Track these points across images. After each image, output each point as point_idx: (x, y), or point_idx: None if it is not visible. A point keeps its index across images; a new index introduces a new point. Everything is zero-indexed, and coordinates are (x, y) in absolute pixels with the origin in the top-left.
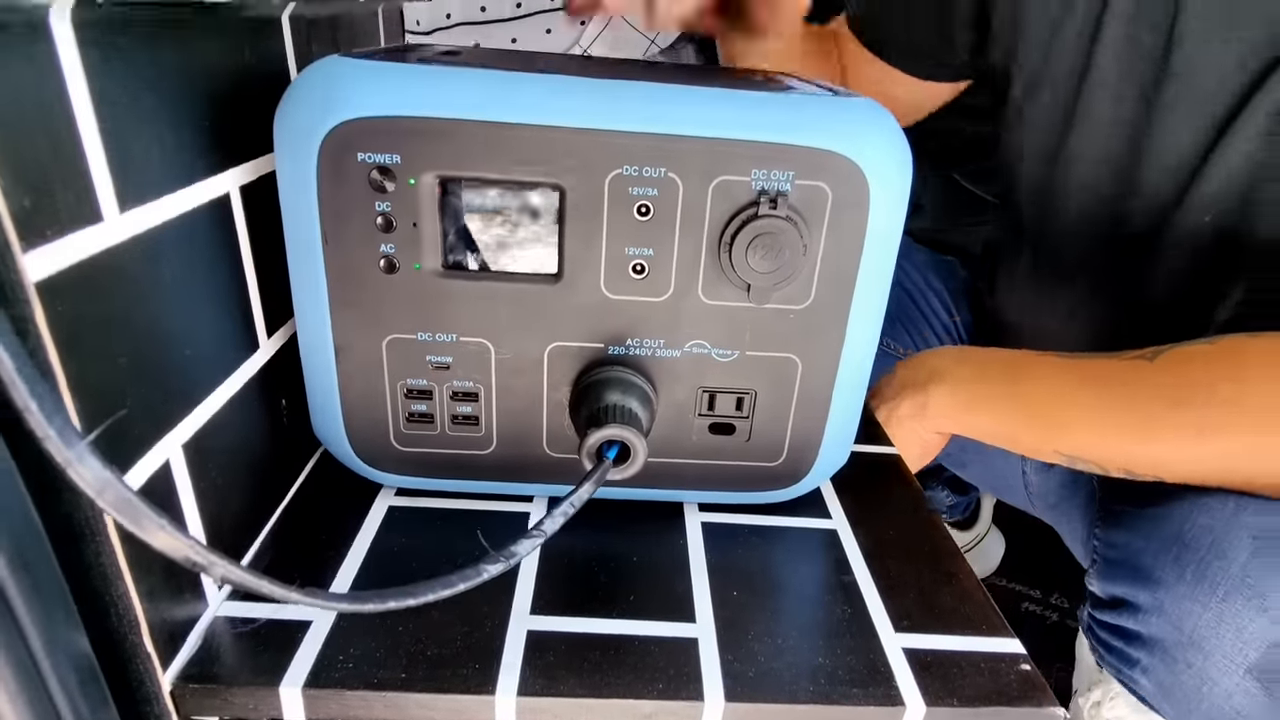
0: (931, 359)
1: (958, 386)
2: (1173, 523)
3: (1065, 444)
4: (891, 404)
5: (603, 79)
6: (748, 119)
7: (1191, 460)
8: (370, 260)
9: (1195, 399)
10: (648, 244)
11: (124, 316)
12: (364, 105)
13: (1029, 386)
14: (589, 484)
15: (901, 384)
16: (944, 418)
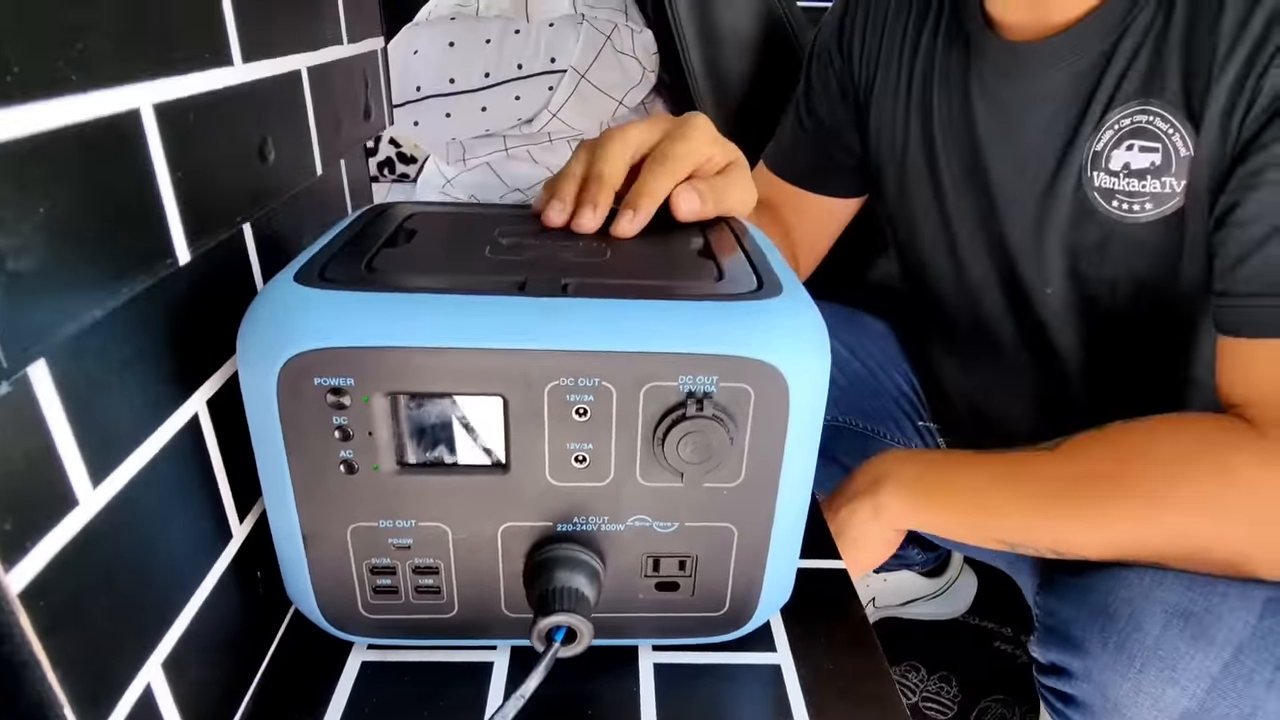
0: (878, 465)
1: (902, 486)
2: (1098, 594)
3: (999, 533)
4: (850, 508)
5: (540, 299)
6: (673, 333)
7: (1099, 542)
8: (331, 464)
9: (1085, 488)
10: (587, 439)
11: (103, 575)
12: (316, 338)
13: (962, 482)
14: (539, 671)
15: (855, 490)
16: (898, 516)
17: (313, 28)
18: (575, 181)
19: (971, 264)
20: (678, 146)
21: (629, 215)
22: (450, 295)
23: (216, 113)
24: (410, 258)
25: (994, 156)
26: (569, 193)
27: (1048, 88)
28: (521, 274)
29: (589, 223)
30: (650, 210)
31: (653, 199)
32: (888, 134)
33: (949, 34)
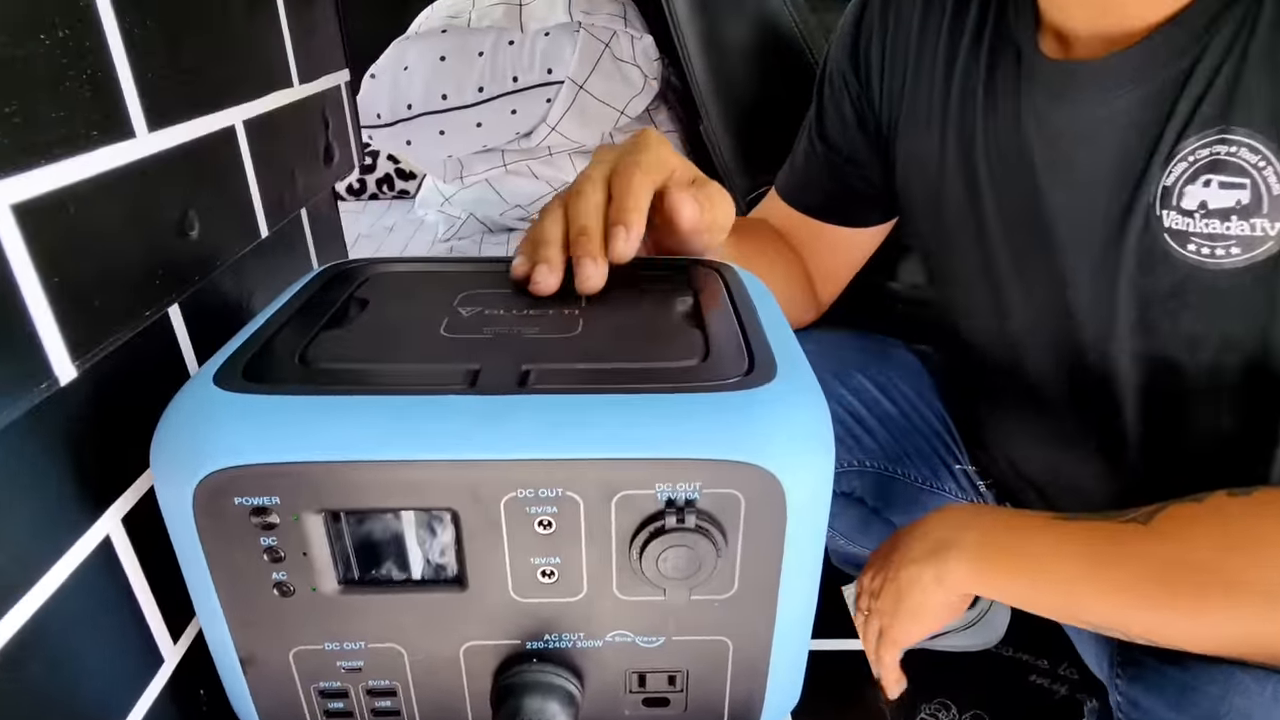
0: (938, 528)
1: (967, 552)
2: (1206, 699)
3: (1080, 612)
4: (909, 574)
5: (492, 397)
6: (646, 436)
7: (1203, 638)
8: (263, 587)
9: (1187, 576)
10: (553, 553)
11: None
12: (232, 454)
13: (1036, 551)
14: None
15: (913, 556)
16: (963, 581)
17: (250, 75)
18: (558, 245)
19: (1019, 311)
20: (641, 155)
21: (621, 234)
22: (388, 397)
23: (111, 196)
24: (352, 342)
25: (1050, 192)
26: (557, 258)
27: (1112, 113)
28: (477, 359)
29: (594, 280)
30: (641, 222)
31: (638, 210)
32: (918, 165)
33: (993, 47)
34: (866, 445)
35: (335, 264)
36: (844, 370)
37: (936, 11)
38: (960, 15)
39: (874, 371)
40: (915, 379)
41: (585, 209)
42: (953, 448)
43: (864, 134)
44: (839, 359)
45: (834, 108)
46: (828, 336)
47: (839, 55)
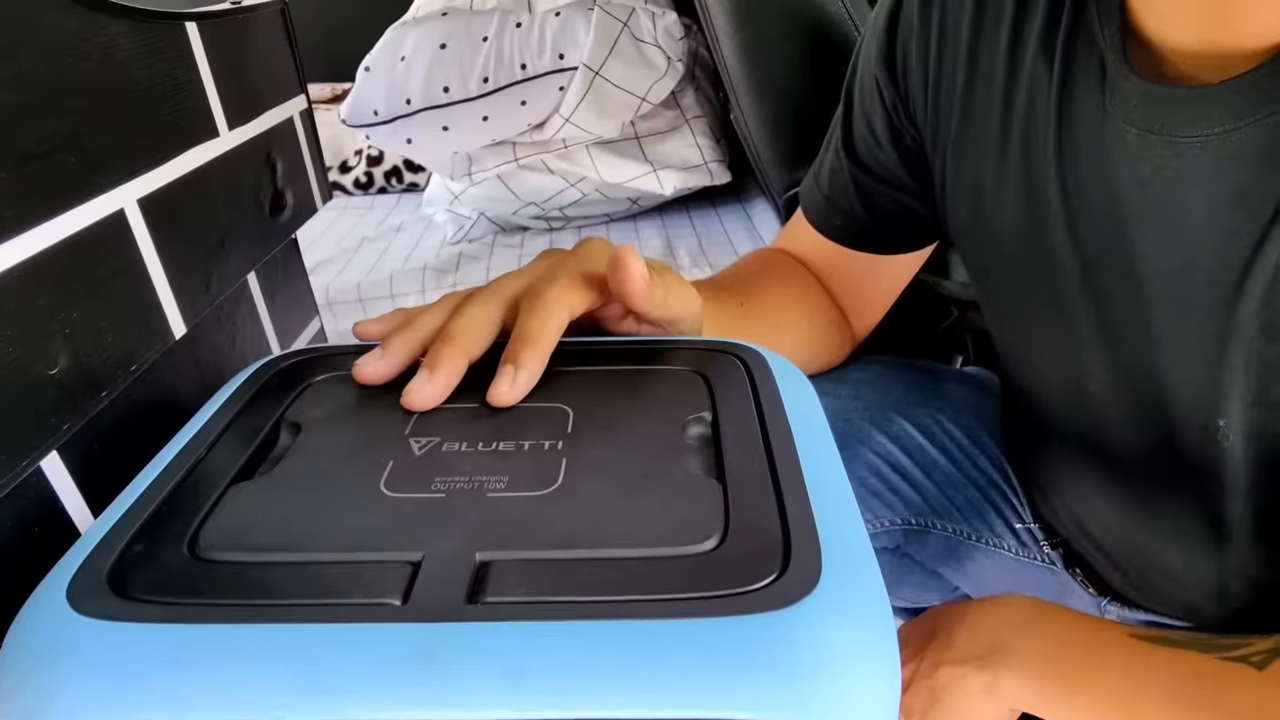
0: (994, 623)
1: (1029, 667)
2: None
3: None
4: (953, 673)
5: (425, 625)
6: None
7: None
8: None
9: None
10: None
11: None
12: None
13: (1116, 681)
14: None
15: (962, 654)
16: (1020, 700)
17: (147, 136)
18: (417, 337)
19: (1097, 371)
20: (561, 273)
21: (508, 374)
22: (298, 628)
23: None
24: (263, 510)
25: (1142, 240)
26: (402, 347)
27: (1225, 153)
28: (420, 540)
29: (420, 395)
30: (535, 361)
31: (534, 345)
32: (968, 188)
33: (1068, 55)
34: (909, 499)
35: (271, 361)
36: (883, 414)
37: (994, 6)
38: (1025, 10)
39: (919, 413)
40: (970, 416)
41: (466, 310)
42: (1012, 501)
43: (899, 151)
44: (878, 401)
45: (863, 120)
46: (866, 372)
47: (870, 57)
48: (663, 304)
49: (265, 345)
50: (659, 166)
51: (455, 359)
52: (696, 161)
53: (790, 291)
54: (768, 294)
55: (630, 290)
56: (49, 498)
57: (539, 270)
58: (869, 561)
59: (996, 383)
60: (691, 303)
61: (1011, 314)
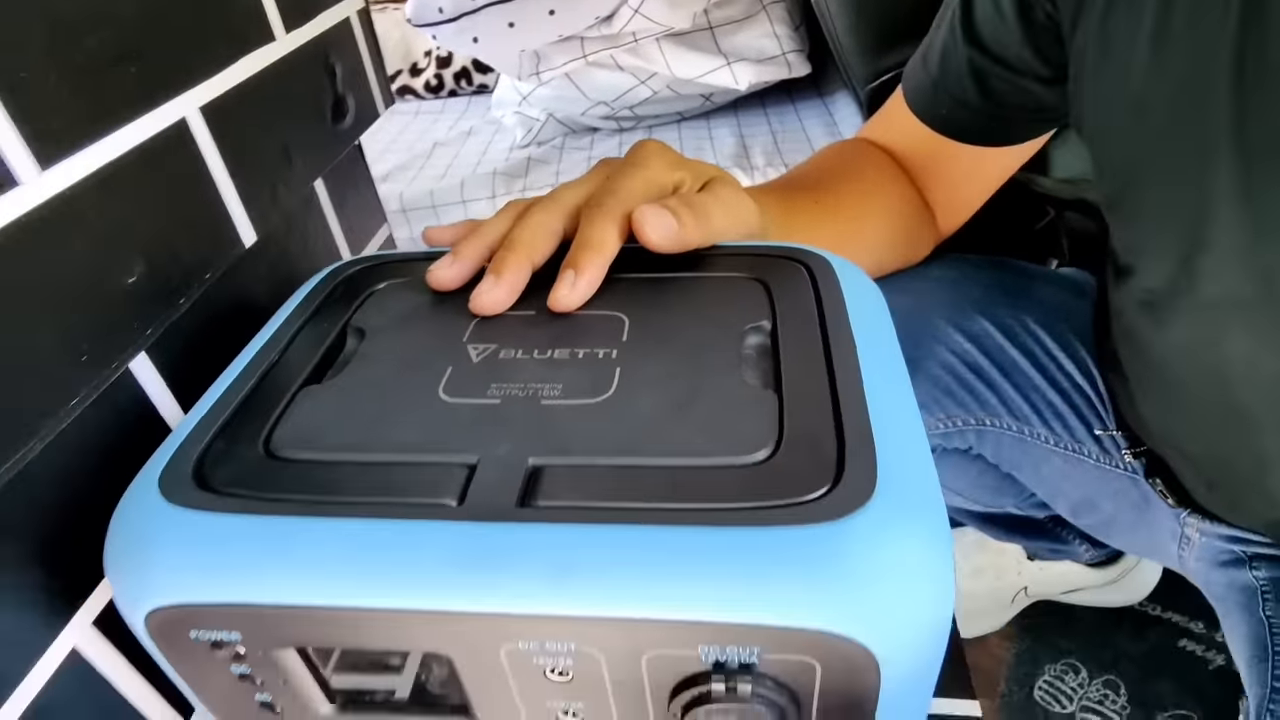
0: None
1: None
2: None
3: None
4: None
5: (480, 524)
6: (677, 591)
7: None
8: (249, 704)
9: None
10: (575, 699)
11: None
12: (178, 592)
13: None
14: None
15: None
16: None
17: (204, 44)
18: (484, 243)
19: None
20: (624, 181)
21: (568, 279)
22: (359, 522)
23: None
24: (329, 413)
25: None
26: (472, 253)
27: None
28: (475, 444)
29: (487, 299)
30: (596, 267)
31: (595, 250)
32: (1115, 74)
33: None
34: (984, 399)
35: (339, 268)
36: (962, 312)
37: None
38: None
39: (1001, 313)
40: (1058, 318)
41: (528, 220)
42: (1096, 406)
43: (1027, 27)
44: (957, 299)
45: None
46: (949, 270)
47: None
48: (698, 234)
49: (335, 252)
50: (733, 59)
51: (520, 265)
52: (773, 52)
53: (871, 188)
54: (846, 191)
55: (654, 246)
56: (140, 397)
57: (598, 180)
58: (928, 476)
59: (1092, 285)
60: (740, 215)
61: (1143, 212)
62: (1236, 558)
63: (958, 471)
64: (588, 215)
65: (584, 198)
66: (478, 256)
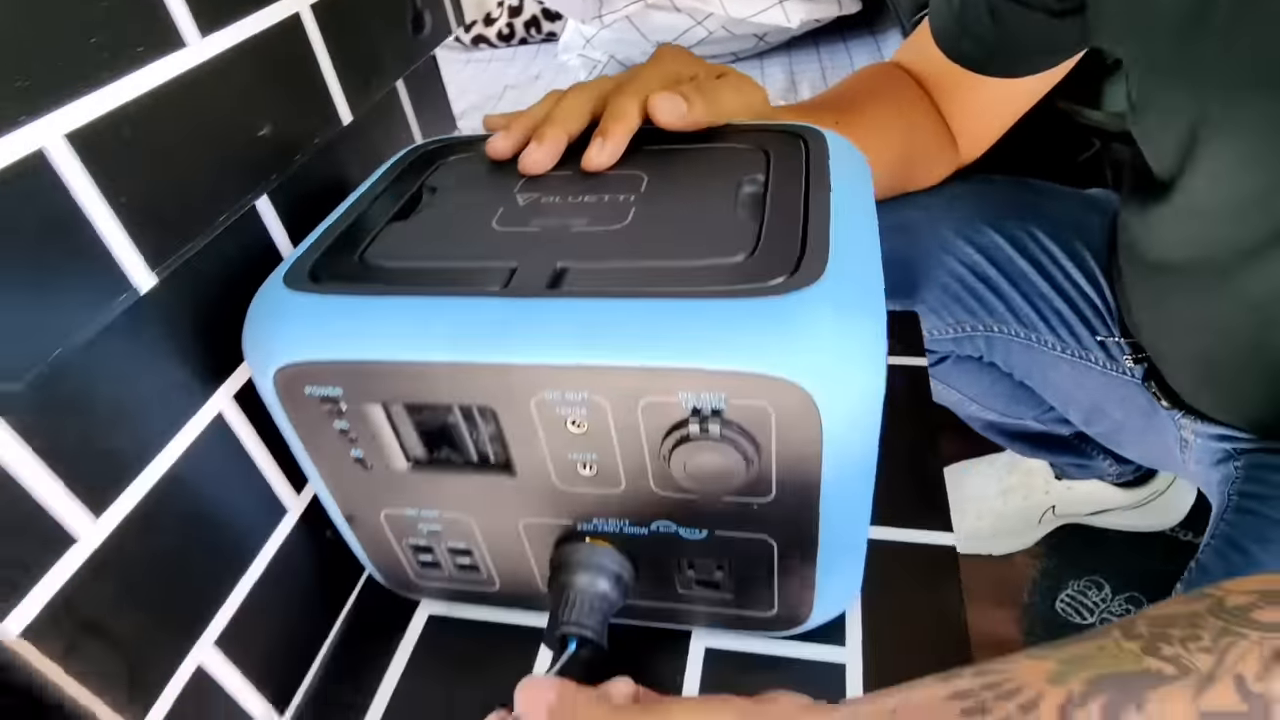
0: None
1: None
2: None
3: None
4: None
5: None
6: (666, 344)
7: None
8: (345, 460)
9: None
10: (589, 449)
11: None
12: (296, 351)
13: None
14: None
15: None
16: None
17: None
18: (531, 121)
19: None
20: (645, 72)
21: (598, 143)
22: (429, 299)
23: (168, 111)
24: (408, 238)
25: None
26: (520, 128)
27: None
28: (518, 256)
29: (530, 159)
30: (620, 135)
31: (620, 122)
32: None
33: None
34: (994, 308)
35: (417, 146)
36: (973, 225)
37: None
38: None
39: (1012, 225)
40: (1070, 231)
41: (566, 100)
42: (1103, 314)
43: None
44: (970, 213)
45: None
46: (964, 187)
47: None
48: (706, 114)
49: (413, 141)
50: None
51: (557, 134)
52: None
53: (890, 110)
54: (866, 110)
55: (665, 124)
56: (263, 232)
57: (625, 75)
58: (872, 276)
59: (1114, 203)
60: (748, 99)
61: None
62: (1227, 454)
63: (971, 378)
64: (613, 97)
65: (612, 87)
66: (526, 131)
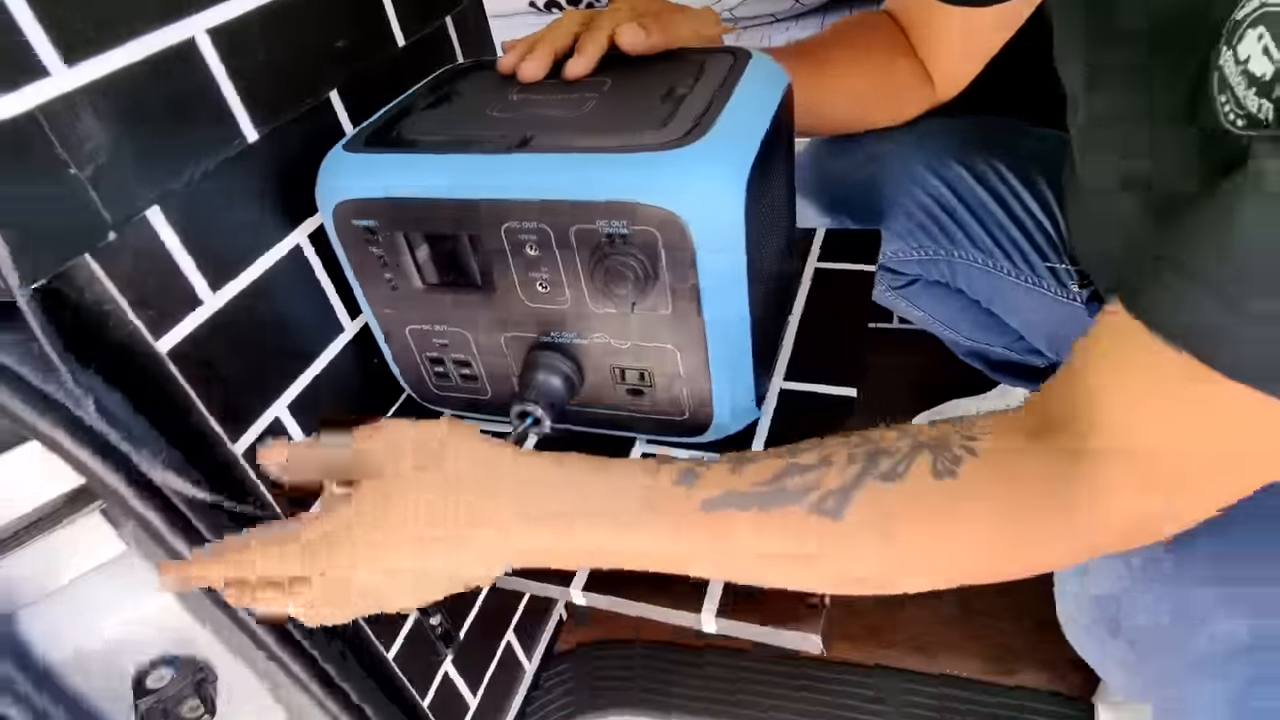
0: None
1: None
2: None
3: None
4: None
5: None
6: (586, 184)
7: None
8: (382, 283)
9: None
10: (543, 270)
11: (230, 346)
12: (344, 193)
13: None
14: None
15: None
16: None
17: None
18: (529, 43)
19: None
20: (620, 5)
21: (575, 59)
22: (433, 155)
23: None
24: (431, 121)
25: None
26: (523, 47)
27: None
28: (502, 129)
29: (525, 69)
30: (592, 53)
31: (595, 44)
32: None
33: None
34: (954, 235)
35: (452, 66)
36: (939, 159)
37: None
38: None
39: (976, 160)
40: (1032, 164)
41: (558, 32)
42: (1056, 242)
43: None
44: (938, 148)
45: None
46: (936, 124)
47: None
48: (662, 39)
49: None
50: None
51: (547, 51)
52: None
53: (860, 51)
54: (836, 52)
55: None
56: (334, 117)
57: (605, 9)
58: (737, 139)
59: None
60: (699, 27)
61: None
62: None
63: (938, 302)
64: (589, 26)
65: (594, 14)
66: (524, 49)
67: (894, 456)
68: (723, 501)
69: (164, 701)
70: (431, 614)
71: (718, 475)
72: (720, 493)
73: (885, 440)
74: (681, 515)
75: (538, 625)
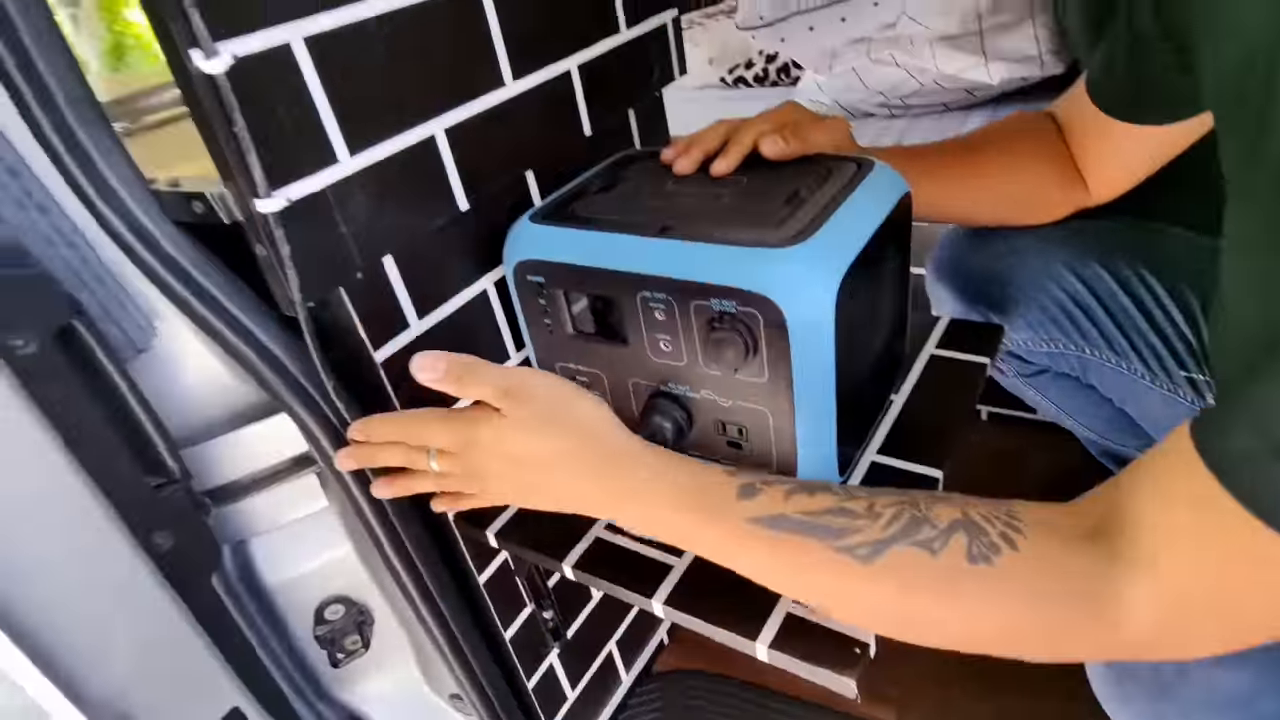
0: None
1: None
2: None
3: None
4: None
5: (638, 238)
6: (704, 269)
7: None
8: (543, 327)
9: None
10: (667, 332)
11: None
12: (526, 254)
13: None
14: None
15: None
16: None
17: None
18: (689, 143)
19: None
20: (766, 115)
21: (721, 160)
22: (594, 232)
23: (495, 125)
24: (598, 203)
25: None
26: (682, 146)
27: None
28: (650, 215)
29: (680, 165)
30: (736, 155)
31: (737, 147)
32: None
33: None
34: (1089, 333)
35: (624, 153)
36: (1081, 259)
37: None
38: None
39: (1120, 264)
40: (1181, 274)
41: (710, 136)
42: (1196, 353)
43: None
44: (1084, 248)
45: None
46: (1091, 224)
47: None
48: (798, 147)
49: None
50: (991, 58)
51: (700, 150)
52: (1030, 53)
53: (1015, 160)
54: (989, 159)
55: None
56: (527, 193)
57: (753, 118)
58: (838, 244)
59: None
60: (833, 136)
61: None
62: None
63: (1066, 394)
64: (735, 133)
65: (741, 123)
66: (684, 147)
67: (934, 528)
68: (768, 522)
69: (334, 632)
70: (545, 608)
71: (772, 497)
72: (768, 514)
73: (930, 509)
74: (732, 526)
75: (639, 642)
